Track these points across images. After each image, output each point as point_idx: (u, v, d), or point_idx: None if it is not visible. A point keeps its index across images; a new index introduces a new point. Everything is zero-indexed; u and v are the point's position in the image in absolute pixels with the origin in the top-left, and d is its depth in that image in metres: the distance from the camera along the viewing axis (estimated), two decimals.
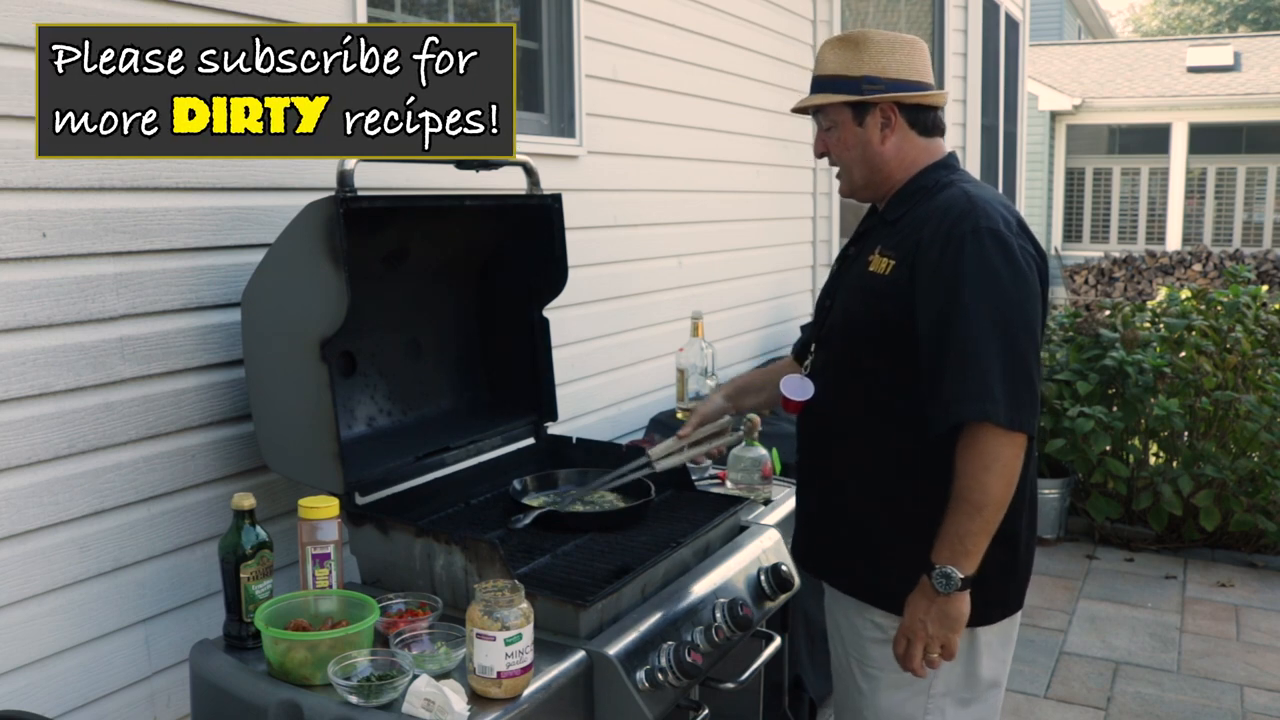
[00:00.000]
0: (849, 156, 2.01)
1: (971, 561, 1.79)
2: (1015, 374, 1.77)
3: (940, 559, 1.81)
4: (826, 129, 2.03)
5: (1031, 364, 1.80)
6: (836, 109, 1.99)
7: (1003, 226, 1.84)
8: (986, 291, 1.79)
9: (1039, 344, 1.84)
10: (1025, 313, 1.81)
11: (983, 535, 1.79)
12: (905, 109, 1.97)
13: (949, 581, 1.79)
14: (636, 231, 3.69)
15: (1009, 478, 1.78)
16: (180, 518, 2.06)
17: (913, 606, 1.86)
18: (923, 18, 6.10)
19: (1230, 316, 5.31)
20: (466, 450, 2.41)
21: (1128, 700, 3.65)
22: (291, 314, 1.96)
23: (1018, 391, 1.76)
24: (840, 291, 2.07)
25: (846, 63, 1.96)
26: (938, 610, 1.82)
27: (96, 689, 1.93)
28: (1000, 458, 1.76)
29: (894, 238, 1.94)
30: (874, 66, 1.95)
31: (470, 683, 1.66)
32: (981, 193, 1.91)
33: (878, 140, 1.98)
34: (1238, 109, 15.84)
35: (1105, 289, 15.11)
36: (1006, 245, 1.82)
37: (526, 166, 2.43)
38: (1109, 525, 5.24)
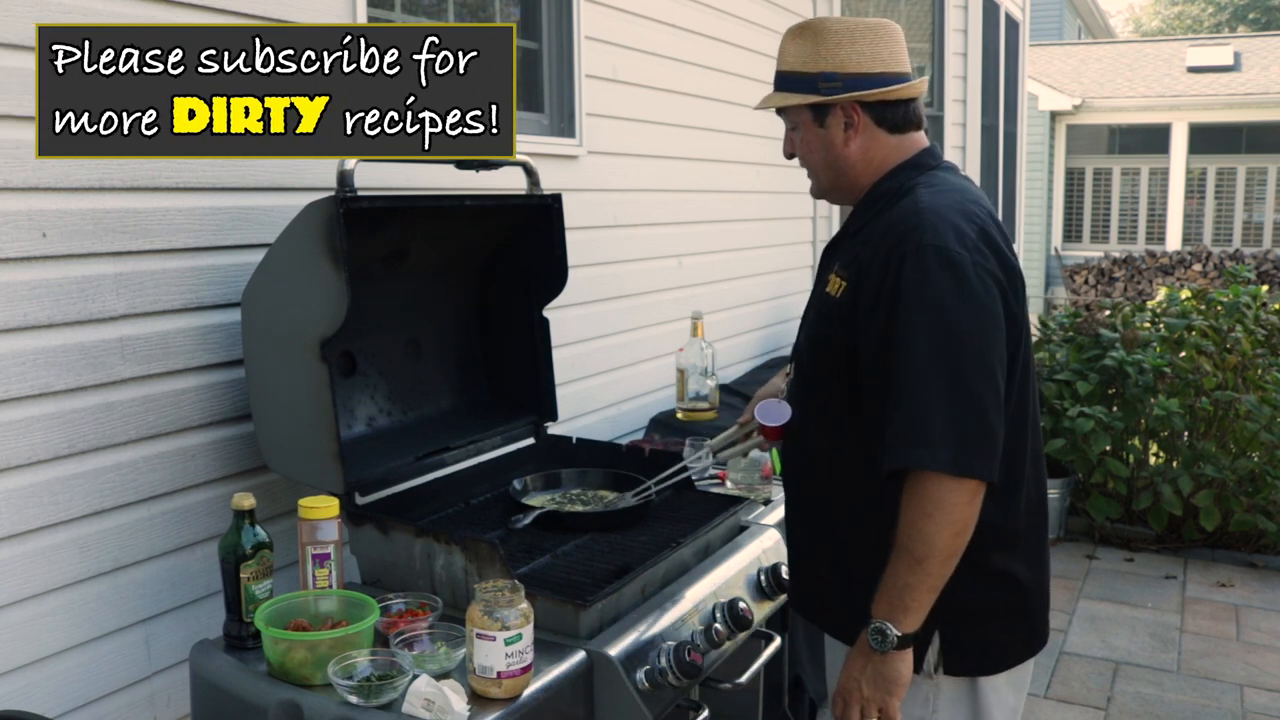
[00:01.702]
0: (814, 160, 1.86)
1: (911, 618, 1.62)
2: (963, 412, 1.57)
3: (879, 612, 1.64)
4: (791, 129, 1.87)
5: (985, 398, 1.58)
6: (796, 110, 1.82)
7: (952, 242, 1.62)
8: (927, 318, 1.59)
9: (996, 374, 1.61)
10: (976, 340, 1.59)
11: (924, 590, 1.61)
12: (869, 107, 1.78)
13: (884, 639, 1.62)
14: (636, 231, 3.69)
15: (956, 527, 1.58)
16: (180, 518, 2.06)
17: (849, 664, 1.70)
18: (923, 18, 6.10)
19: (1230, 316, 5.31)
20: (466, 450, 2.41)
21: (1128, 700, 3.65)
22: (291, 314, 1.96)
23: (965, 432, 1.56)
24: (807, 314, 1.92)
25: (803, 57, 1.78)
26: (874, 670, 1.66)
27: (96, 689, 1.93)
28: (944, 505, 1.56)
29: (849, 254, 1.79)
30: (830, 61, 1.75)
31: (470, 683, 1.66)
32: (937, 201, 1.69)
33: (840, 142, 1.80)
34: (1238, 109, 15.83)
35: (1105, 289, 15.11)
36: (954, 264, 1.61)
37: (526, 166, 2.43)
38: (1109, 525, 5.24)
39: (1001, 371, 1.62)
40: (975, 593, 1.72)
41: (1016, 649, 1.82)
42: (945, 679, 1.77)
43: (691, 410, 3.44)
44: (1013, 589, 1.78)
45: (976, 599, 1.73)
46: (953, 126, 6.20)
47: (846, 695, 1.71)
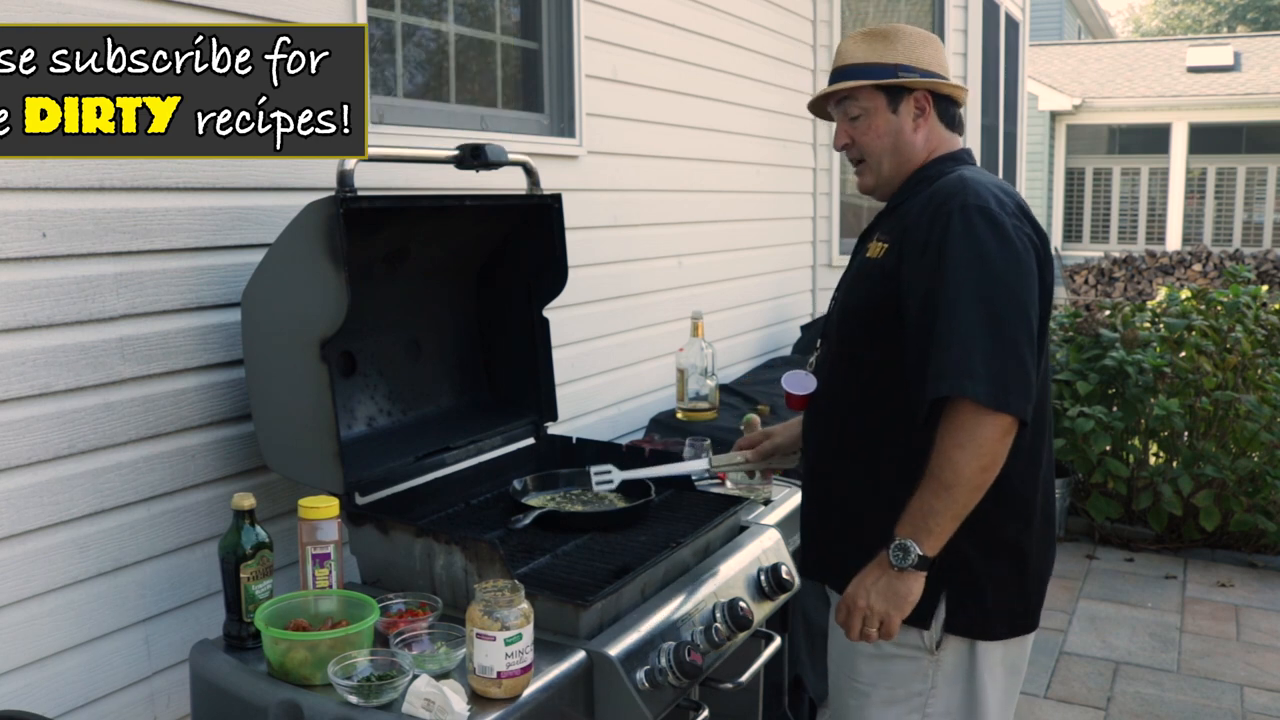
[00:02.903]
0: (879, 145, 1.96)
1: (934, 541, 1.72)
2: (1002, 352, 1.69)
3: (902, 532, 1.74)
4: (854, 117, 1.97)
5: (1023, 344, 1.71)
6: (869, 95, 1.95)
7: (994, 205, 1.77)
8: (973, 268, 1.72)
9: (1033, 326, 1.75)
10: (1017, 292, 1.73)
11: (948, 516, 1.71)
12: (938, 100, 1.96)
13: (905, 555, 1.72)
14: (636, 231, 3.69)
15: (985, 460, 1.68)
16: (180, 518, 2.06)
17: (863, 575, 1.79)
18: (923, 18, 6.10)
19: (1230, 316, 5.31)
20: (466, 450, 2.41)
21: (1128, 700, 3.65)
22: (291, 314, 1.96)
23: (1004, 370, 1.68)
24: (843, 285, 2.04)
25: (879, 51, 1.94)
26: (886, 583, 1.75)
27: (96, 689, 1.93)
28: (976, 437, 1.67)
29: (890, 222, 1.93)
30: (909, 56, 1.93)
31: (470, 683, 1.66)
32: (978, 176, 1.86)
33: (910, 129, 1.95)
34: (1238, 109, 15.84)
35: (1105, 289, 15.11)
36: (997, 222, 1.75)
37: (526, 166, 2.43)
38: (1109, 525, 5.24)
39: (1035, 319, 1.75)
40: (984, 560, 1.84)
41: (1017, 621, 1.91)
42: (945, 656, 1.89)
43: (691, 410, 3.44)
44: (1018, 563, 1.88)
45: (984, 567, 1.83)
46: None
47: (852, 603, 1.79)
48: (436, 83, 2.94)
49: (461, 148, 2.24)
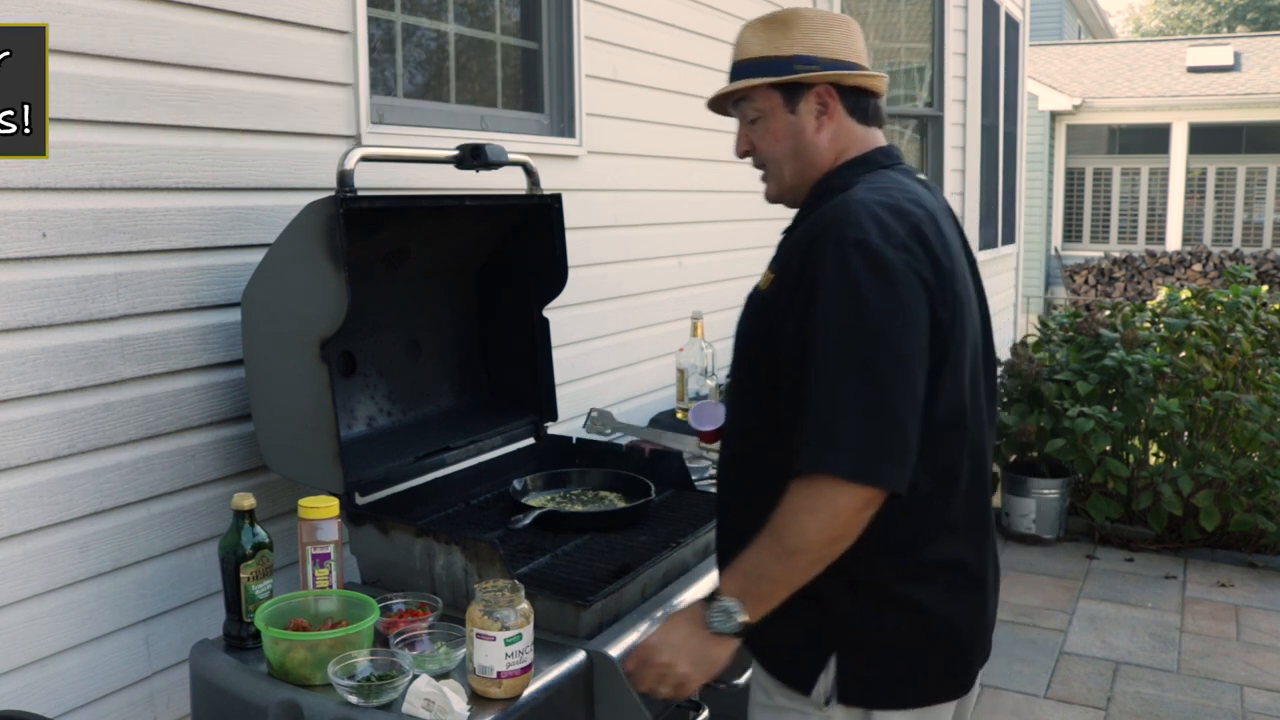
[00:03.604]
0: (779, 150, 1.73)
1: (761, 608, 1.52)
2: (872, 414, 1.46)
3: (728, 590, 1.53)
4: (751, 120, 1.74)
5: (899, 405, 1.47)
6: (764, 94, 1.71)
7: (876, 238, 1.51)
8: (844, 317, 1.49)
9: (915, 381, 1.50)
10: (895, 345, 1.48)
11: (783, 585, 1.51)
12: (844, 93, 1.70)
13: (728, 619, 1.52)
14: (636, 231, 3.69)
15: (837, 532, 1.47)
16: (180, 518, 2.06)
17: (670, 627, 1.59)
18: (923, 18, 6.10)
19: (1230, 316, 5.31)
20: (466, 450, 2.41)
21: (1128, 700, 3.65)
22: (291, 314, 1.96)
23: (874, 436, 1.45)
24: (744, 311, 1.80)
25: (774, 42, 1.69)
26: (698, 644, 1.55)
27: (96, 689, 1.93)
28: (833, 507, 1.46)
29: (782, 249, 1.71)
30: (807, 45, 1.68)
31: (470, 683, 1.66)
32: (870, 196, 1.59)
33: (812, 129, 1.70)
34: (1238, 109, 15.85)
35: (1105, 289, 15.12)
36: (877, 259, 1.49)
37: (526, 166, 2.43)
38: (1109, 525, 5.24)
39: (920, 374, 1.51)
40: (874, 620, 1.60)
41: (922, 687, 1.64)
42: (838, 710, 1.62)
43: None
44: (918, 620, 1.61)
45: (875, 625, 1.60)
46: (953, 126, 6.20)
47: (650, 655, 1.59)
48: (436, 83, 2.94)
49: (461, 148, 2.24)
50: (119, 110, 1.90)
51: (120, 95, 1.90)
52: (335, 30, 2.37)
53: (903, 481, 1.47)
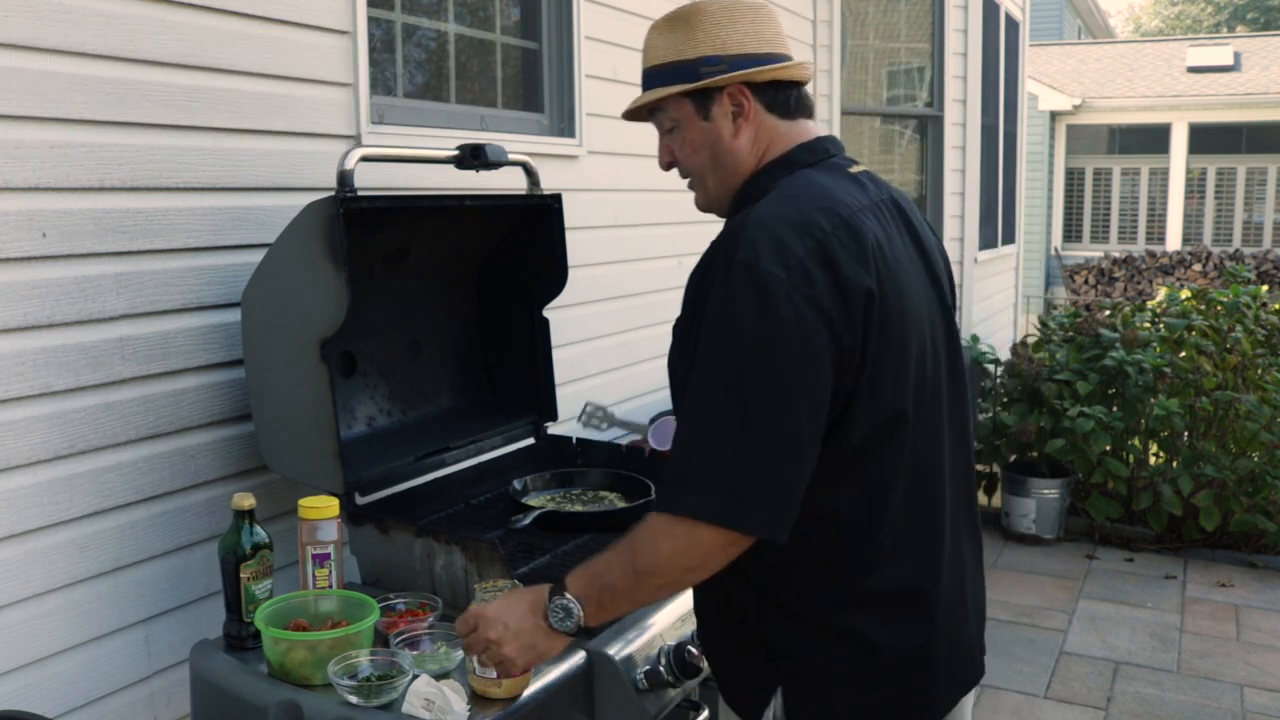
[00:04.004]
0: (699, 160, 1.60)
1: (602, 616, 1.48)
2: (736, 453, 1.36)
3: (575, 588, 1.48)
4: (668, 131, 1.63)
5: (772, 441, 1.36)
6: (674, 104, 1.59)
7: (767, 261, 1.38)
8: (722, 347, 1.39)
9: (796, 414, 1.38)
10: (773, 375, 1.36)
11: (626, 600, 1.48)
12: (759, 90, 1.56)
13: (567, 617, 1.47)
14: (636, 231, 3.69)
15: (693, 564, 1.41)
16: (180, 518, 2.06)
17: (510, 606, 1.54)
18: (923, 18, 6.10)
19: (1230, 316, 5.32)
20: (466, 450, 2.41)
21: (1128, 700, 3.65)
22: (291, 314, 1.96)
23: (734, 477, 1.36)
24: None
25: (678, 45, 1.56)
26: (530, 631, 1.51)
27: (96, 689, 1.93)
28: (691, 540, 1.38)
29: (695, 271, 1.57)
30: (712, 44, 1.54)
31: (470, 683, 1.66)
32: (776, 210, 1.46)
33: (730, 134, 1.57)
34: (1238, 109, 15.85)
35: (1105, 289, 15.13)
36: (763, 286, 1.36)
37: (526, 166, 2.43)
38: (1109, 525, 5.24)
39: (809, 412, 1.39)
40: (816, 651, 1.52)
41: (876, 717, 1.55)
42: None
43: None
44: (861, 651, 1.51)
45: (819, 657, 1.52)
46: (953, 126, 6.20)
47: (483, 626, 1.54)
48: (436, 83, 2.94)
49: (461, 148, 2.24)
50: (119, 110, 1.90)
51: (120, 95, 1.90)
52: (335, 30, 2.37)
53: (771, 525, 1.38)
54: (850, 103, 5.64)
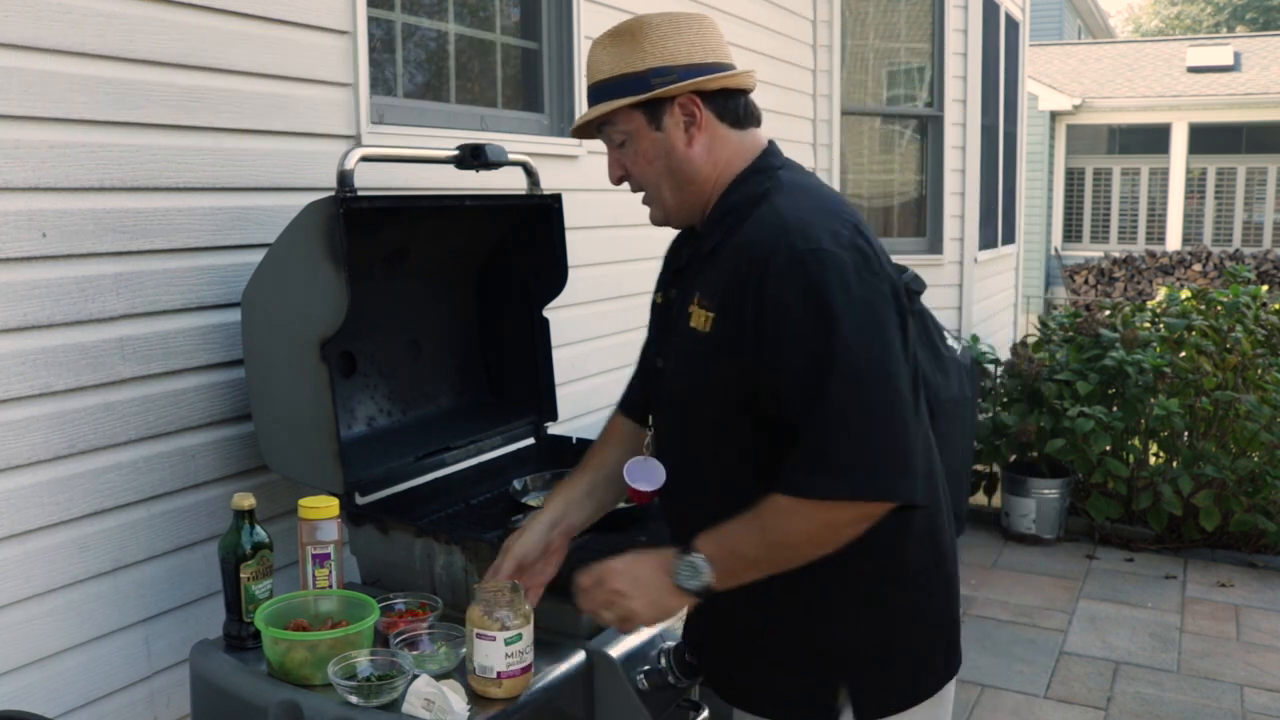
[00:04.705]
0: (652, 172, 1.62)
1: (728, 579, 1.49)
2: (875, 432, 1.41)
3: (706, 549, 1.48)
4: (619, 145, 1.62)
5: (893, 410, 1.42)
6: (625, 116, 1.58)
7: (828, 242, 1.44)
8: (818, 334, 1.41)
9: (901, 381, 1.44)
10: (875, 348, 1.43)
11: (756, 570, 1.49)
12: (710, 99, 1.58)
13: (694, 575, 1.48)
14: (636, 231, 3.69)
15: (825, 541, 1.46)
16: (180, 518, 2.06)
17: (637, 561, 1.54)
18: (923, 18, 6.10)
19: (1230, 316, 5.32)
20: (466, 450, 2.41)
21: (1128, 700, 3.65)
22: (291, 314, 1.96)
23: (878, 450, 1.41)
24: (670, 351, 1.67)
25: (626, 58, 1.56)
26: (658, 587, 1.50)
27: (96, 689, 1.93)
28: (832, 523, 1.44)
29: (712, 280, 1.56)
30: (660, 54, 1.55)
31: (470, 683, 1.66)
32: (797, 202, 1.52)
33: (683, 144, 1.58)
34: (1238, 109, 15.85)
35: (1105, 289, 15.12)
36: (837, 265, 1.43)
37: (526, 166, 2.43)
38: (1109, 525, 5.24)
39: (907, 376, 1.46)
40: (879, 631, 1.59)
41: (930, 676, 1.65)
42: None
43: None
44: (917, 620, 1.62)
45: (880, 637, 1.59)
46: (953, 126, 6.20)
47: (610, 580, 1.54)
48: (436, 83, 2.94)
49: (461, 148, 2.24)
50: (119, 110, 1.90)
51: (120, 95, 1.90)
52: (335, 30, 2.37)
53: (916, 490, 1.43)
54: (850, 103, 5.65)
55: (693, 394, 1.59)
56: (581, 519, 1.82)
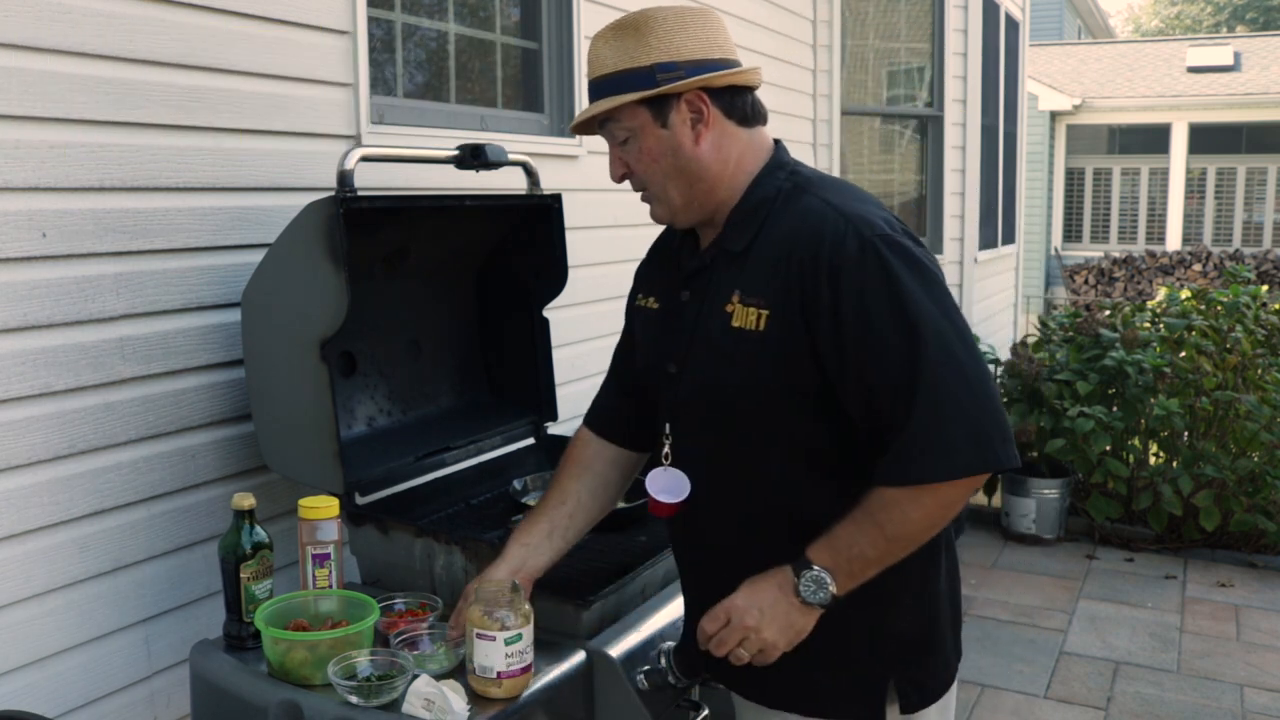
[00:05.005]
0: (658, 170, 1.57)
1: (850, 582, 1.48)
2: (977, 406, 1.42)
3: (821, 560, 1.46)
4: (622, 142, 1.59)
5: (983, 379, 1.44)
6: (629, 113, 1.54)
7: (887, 228, 1.47)
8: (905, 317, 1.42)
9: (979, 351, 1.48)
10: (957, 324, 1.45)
11: (876, 566, 1.48)
12: (717, 95, 1.54)
13: (819, 589, 1.46)
14: (636, 231, 3.68)
15: (942, 519, 1.49)
16: (180, 518, 2.06)
17: (758, 588, 1.51)
18: (923, 18, 6.10)
19: (1230, 316, 5.32)
20: (466, 450, 2.41)
21: (1128, 700, 3.65)
22: (291, 314, 1.96)
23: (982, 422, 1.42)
24: (690, 355, 1.61)
25: (630, 52, 1.52)
26: (785, 612, 1.49)
27: (96, 689, 1.93)
28: (946, 501, 1.45)
29: (752, 277, 1.53)
30: (666, 49, 1.51)
31: (470, 683, 1.66)
32: (844, 194, 1.53)
33: (690, 141, 1.54)
34: (1238, 109, 15.85)
35: (1105, 289, 15.12)
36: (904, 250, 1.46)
37: (526, 166, 2.43)
38: (1109, 525, 5.24)
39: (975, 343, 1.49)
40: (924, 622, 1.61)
41: (951, 664, 1.68)
42: None
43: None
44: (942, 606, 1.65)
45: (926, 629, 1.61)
46: (953, 126, 6.20)
47: (738, 619, 1.50)
48: (436, 83, 2.94)
49: (461, 148, 2.24)
50: (119, 110, 1.90)
51: (120, 95, 1.90)
52: (335, 30, 2.37)
53: (1014, 454, 1.44)
54: (850, 103, 5.64)
55: (739, 394, 1.54)
56: (543, 562, 1.77)
